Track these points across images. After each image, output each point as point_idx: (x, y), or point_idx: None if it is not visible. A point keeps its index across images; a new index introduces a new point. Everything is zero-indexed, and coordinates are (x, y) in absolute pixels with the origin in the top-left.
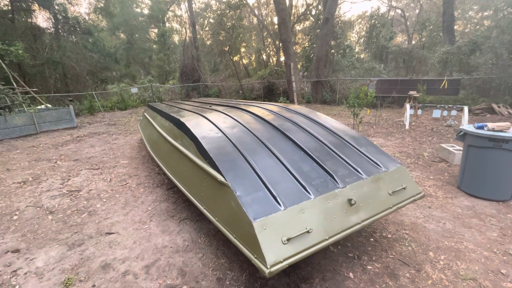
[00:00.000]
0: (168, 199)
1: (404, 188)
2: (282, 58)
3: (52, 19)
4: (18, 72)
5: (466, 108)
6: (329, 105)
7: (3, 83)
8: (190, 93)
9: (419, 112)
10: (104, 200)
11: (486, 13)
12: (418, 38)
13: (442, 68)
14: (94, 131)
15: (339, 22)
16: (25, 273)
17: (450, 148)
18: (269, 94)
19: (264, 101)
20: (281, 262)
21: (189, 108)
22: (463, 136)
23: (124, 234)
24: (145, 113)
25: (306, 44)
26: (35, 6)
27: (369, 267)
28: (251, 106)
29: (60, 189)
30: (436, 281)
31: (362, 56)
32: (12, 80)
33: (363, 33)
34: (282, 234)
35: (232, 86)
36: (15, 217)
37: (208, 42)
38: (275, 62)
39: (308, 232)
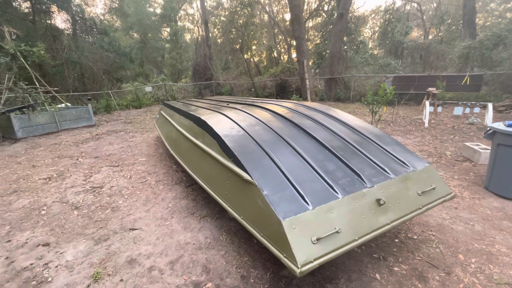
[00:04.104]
0: (187, 196)
1: (433, 189)
2: (294, 55)
3: (70, 20)
4: (39, 72)
5: (490, 105)
6: (343, 102)
7: (27, 83)
8: (202, 91)
9: (439, 109)
10: (126, 196)
11: (509, 5)
12: (435, 33)
13: (463, 64)
14: (112, 129)
15: (352, 17)
16: (56, 266)
17: (475, 147)
18: (282, 91)
19: (276, 98)
20: (311, 262)
21: (206, 106)
22: (492, 134)
23: (147, 230)
24: (161, 111)
25: (318, 41)
26: (54, 8)
27: (395, 268)
28: (269, 103)
29: (83, 185)
30: (468, 284)
31: (375, 52)
32: (34, 80)
33: (377, 28)
34: (311, 234)
35: (244, 84)
36: (43, 212)
37: (219, 40)
38: (286, 59)
39: (337, 232)
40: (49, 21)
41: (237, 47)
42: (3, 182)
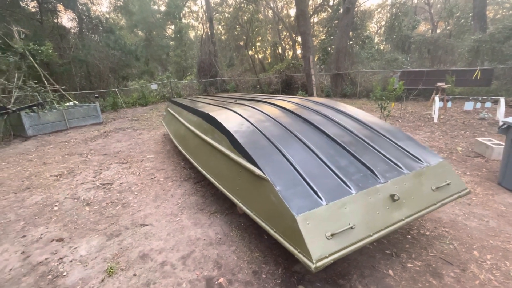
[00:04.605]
0: (196, 192)
1: (448, 184)
2: (299, 51)
3: (76, 19)
4: (47, 71)
5: (502, 100)
6: (350, 98)
7: (36, 81)
8: (207, 89)
9: (449, 104)
10: (136, 193)
11: None
12: (444, 26)
13: (473, 58)
14: (119, 127)
15: (358, 12)
16: (71, 261)
17: (488, 142)
18: (287, 88)
19: (282, 95)
20: (326, 257)
21: (213, 103)
22: (506, 129)
23: (158, 226)
24: (168, 109)
25: (323, 36)
26: (61, 7)
27: (409, 265)
28: (277, 99)
29: (94, 182)
30: (484, 281)
31: (382, 47)
32: (43, 79)
33: (384, 22)
34: (325, 229)
35: (249, 81)
36: (55, 208)
37: (223, 37)
38: (291, 55)
39: (351, 228)
40: (55, 20)
41: (242, 43)
42: (15, 179)
